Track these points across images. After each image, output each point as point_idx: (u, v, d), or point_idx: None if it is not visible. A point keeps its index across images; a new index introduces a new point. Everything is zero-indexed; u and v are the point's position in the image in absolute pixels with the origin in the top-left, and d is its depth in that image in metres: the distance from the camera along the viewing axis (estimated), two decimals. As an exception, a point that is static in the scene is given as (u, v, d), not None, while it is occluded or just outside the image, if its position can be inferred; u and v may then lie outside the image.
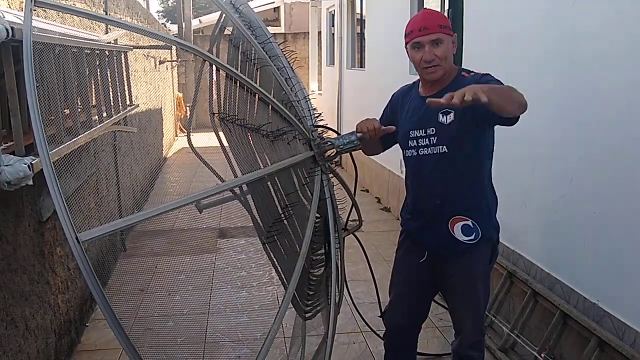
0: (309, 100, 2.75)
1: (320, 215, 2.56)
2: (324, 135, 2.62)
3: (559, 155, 3.30)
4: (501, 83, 2.32)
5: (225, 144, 2.50)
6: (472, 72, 2.48)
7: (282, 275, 2.46)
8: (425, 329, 2.87)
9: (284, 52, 2.77)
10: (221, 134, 2.49)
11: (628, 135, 2.75)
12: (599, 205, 2.97)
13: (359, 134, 2.57)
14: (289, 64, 2.73)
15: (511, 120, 2.28)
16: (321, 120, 2.75)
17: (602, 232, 2.95)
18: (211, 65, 2.43)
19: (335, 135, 2.68)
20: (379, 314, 2.95)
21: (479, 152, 2.47)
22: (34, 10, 2.10)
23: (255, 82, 2.54)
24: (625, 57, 2.75)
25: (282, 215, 2.38)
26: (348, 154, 2.65)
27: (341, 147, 2.58)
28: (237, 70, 2.50)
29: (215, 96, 2.46)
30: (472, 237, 2.49)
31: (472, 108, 2.18)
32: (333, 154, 2.60)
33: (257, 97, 2.52)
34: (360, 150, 2.67)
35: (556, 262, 3.39)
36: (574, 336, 3.14)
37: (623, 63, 2.77)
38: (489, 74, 2.39)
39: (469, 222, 2.49)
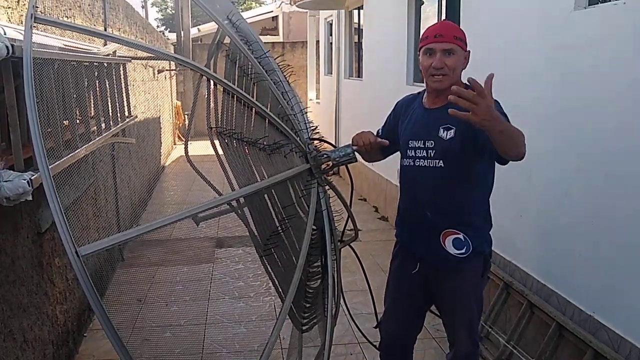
0: (305, 113, 2.77)
1: (317, 227, 2.58)
2: (321, 148, 2.64)
3: (554, 167, 3.32)
4: (506, 116, 2.32)
5: (223, 157, 2.52)
6: None
7: (279, 288, 2.48)
8: (422, 340, 2.88)
9: (280, 66, 2.80)
10: (219, 147, 2.51)
11: (623, 146, 2.77)
12: (595, 216, 2.99)
13: (354, 147, 2.60)
14: (285, 77, 2.75)
15: (503, 161, 2.35)
16: (317, 132, 2.77)
17: (598, 244, 2.97)
18: (208, 80, 2.45)
19: (331, 147, 2.70)
20: (375, 325, 2.97)
21: (475, 171, 2.47)
22: (34, 27, 2.12)
23: (252, 96, 2.57)
24: (619, 67, 2.78)
25: (279, 228, 2.40)
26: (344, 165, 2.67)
27: (337, 159, 2.60)
28: (234, 84, 2.52)
29: (212, 111, 2.48)
30: (463, 251, 2.50)
31: (474, 133, 2.23)
32: (329, 166, 2.62)
33: (254, 110, 2.55)
34: (361, 159, 2.70)
35: (552, 274, 3.41)
36: (569, 348, 3.15)
37: (617, 74, 2.80)
38: (497, 102, 2.33)
39: (461, 236, 2.50)
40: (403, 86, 6.02)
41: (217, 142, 2.51)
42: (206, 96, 2.56)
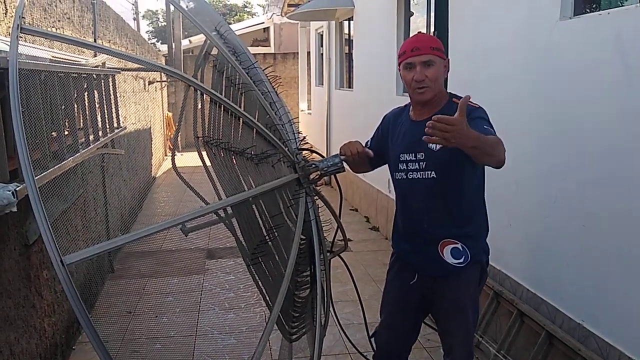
0: (294, 124, 2.78)
1: (306, 237, 2.58)
2: (309, 158, 2.65)
3: (542, 177, 3.34)
4: (489, 122, 2.36)
5: (210, 167, 2.52)
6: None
7: (267, 297, 2.47)
8: (413, 350, 2.87)
9: (269, 77, 2.81)
10: (206, 157, 2.51)
11: (610, 159, 2.79)
12: (583, 226, 3.00)
13: (342, 157, 2.61)
14: (274, 88, 2.76)
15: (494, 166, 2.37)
16: (307, 143, 2.78)
17: (586, 253, 2.98)
18: (196, 90, 2.46)
19: (319, 158, 2.71)
20: (367, 335, 2.96)
21: (468, 179, 2.49)
22: (20, 37, 2.12)
23: (240, 107, 2.57)
24: (604, 76, 2.81)
25: (267, 237, 2.40)
26: (332, 176, 2.68)
27: (325, 169, 2.61)
28: (222, 94, 2.53)
29: (199, 120, 2.49)
30: (461, 260, 2.51)
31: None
32: (317, 176, 2.62)
33: (241, 120, 2.55)
34: (349, 169, 2.70)
35: (541, 283, 3.41)
36: (559, 356, 3.15)
37: (602, 82, 2.82)
38: (481, 108, 2.41)
39: (459, 246, 2.51)
40: (393, 96, 6.04)
41: (204, 152, 2.51)
42: (196, 108, 2.57)
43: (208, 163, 2.44)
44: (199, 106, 2.49)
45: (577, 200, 3.05)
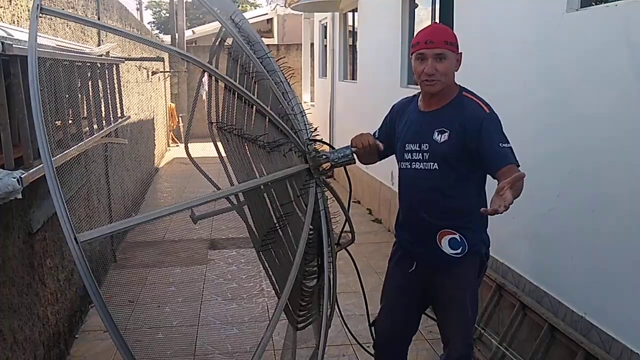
0: (305, 114, 2.78)
1: (314, 227, 2.58)
2: (320, 149, 2.65)
3: (546, 170, 3.33)
4: (502, 132, 2.39)
5: (223, 153, 2.52)
6: (474, 93, 2.52)
7: (276, 284, 2.47)
8: (414, 341, 2.87)
9: (282, 68, 2.81)
10: (219, 143, 2.50)
11: (614, 149, 2.78)
12: (586, 218, 3.00)
13: (353, 149, 2.60)
14: (286, 79, 2.76)
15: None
16: (317, 134, 2.78)
17: (590, 246, 2.98)
18: (210, 77, 2.46)
19: (330, 149, 2.70)
20: (368, 324, 2.96)
21: (470, 172, 2.49)
22: (41, 17, 2.10)
23: (253, 95, 2.57)
24: (611, 76, 2.79)
25: (277, 225, 2.40)
26: (342, 168, 2.67)
27: (336, 160, 2.60)
28: (236, 82, 2.52)
29: (213, 107, 2.49)
30: (458, 251, 2.51)
31: (465, 140, 2.37)
32: (328, 167, 2.62)
33: (254, 108, 2.55)
34: (357, 161, 2.71)
35: (544, 275, 3.41)
36: (561, 349, 3.15)
37: (610, 75, 2.81)
38: (492, 114, 2.42)
39: (457, 236, 2.51)
40: (397, 88, 6.03)
41: (217, 139, 2.51)
42: (207, 95, 2.56)
43: (221, 149, 2.43)
44: (213, 92, 2.49)
45: (581, 193, 3.04)
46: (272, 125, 2.55)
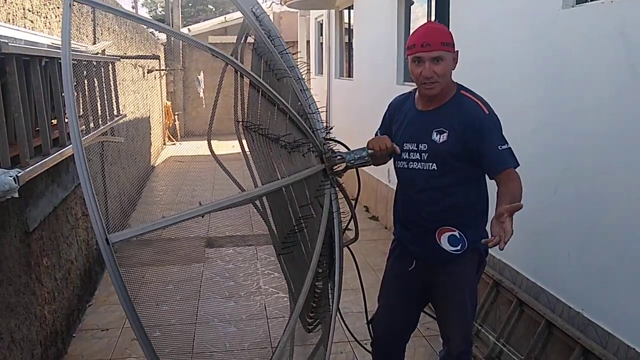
0: (319, 113, 2.75)
1: (327, 228, 2.56)
2: (335, 149, 2.63)
3: (542, 166, 3.33)
4: (501, 135, 2.40)
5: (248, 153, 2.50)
6: (472, 92, 2.51)
7: (292, 288, 2.44)
8: (412, 338, 2.88)
9: (297, 64, 2.78)
10: (244, 141, 2.48)
11: (611, 146, 2.79)
12: (583, 215, 3.00)
13: (370, 151, 2.57)
14: (301, 76, 2.73)
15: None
16: (330, 134, 2.75)
17: (586, 242, 2.99)
18: (236, 72, 2.42)
19: (345, 149, 2.67)
20: (366, 321, 2.96)
21: (469, 172, 2.48)
22: (74, 5, 2.08)
23: (277, 92, 2.54)
24: (607, 72, 2.80)
25: (296, 227, 2.38)
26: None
27: (352, 162, 2.58)
28: (260, 78, 2.50)
29: (239, 104, 2.46)
30: (458, 248, 2.52)
31: (465, 140, 2.37)
32: (341, 168, 2.60)
33: (276, 107, 2.52)
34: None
35: (542, 272, 3.42)
36: (559, 345, 3.16)
37: (605, 72, 2.82)
38: (491, 115, 2.43)
39: (456, 233, 2.52)
40: (393, 86, 6.02)
41: (242, 137, 2.49)
42: (237, 92, 2.53)
43: (246, 149, 2.41)
44: (238, 89, 2.45)
45: (578, 190, 3.05)
46: (293, 124, 2.50)
